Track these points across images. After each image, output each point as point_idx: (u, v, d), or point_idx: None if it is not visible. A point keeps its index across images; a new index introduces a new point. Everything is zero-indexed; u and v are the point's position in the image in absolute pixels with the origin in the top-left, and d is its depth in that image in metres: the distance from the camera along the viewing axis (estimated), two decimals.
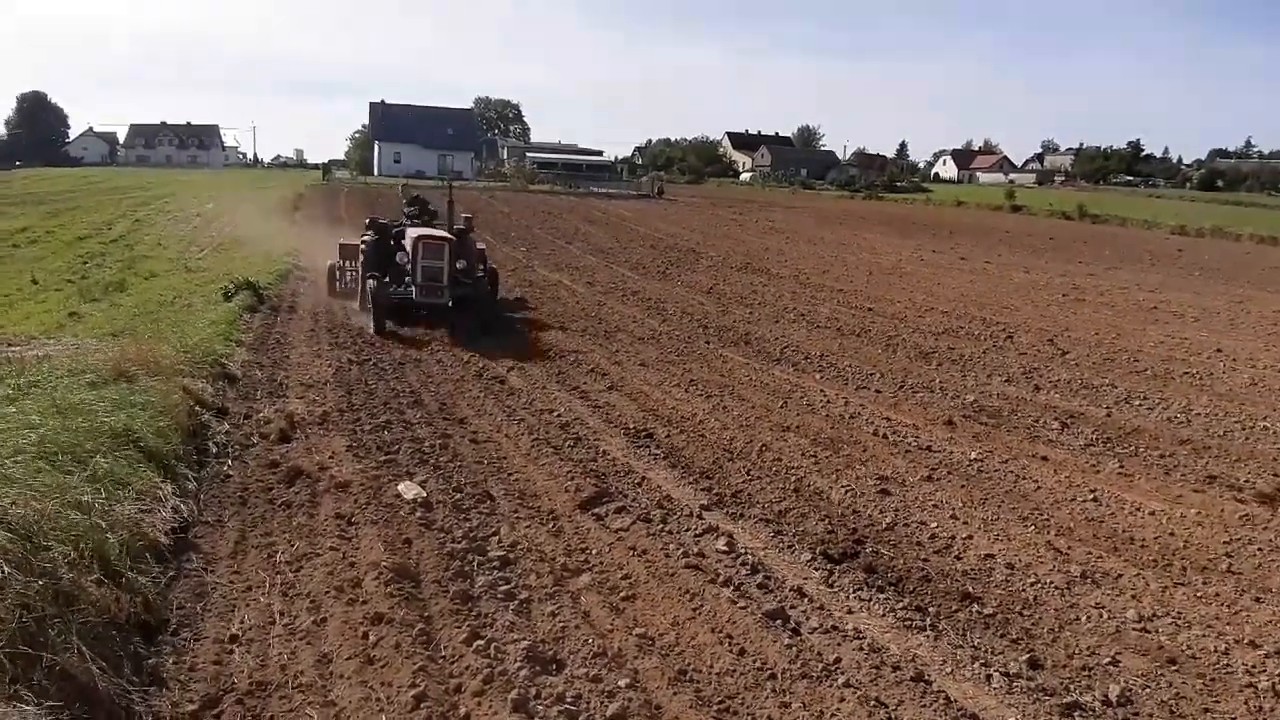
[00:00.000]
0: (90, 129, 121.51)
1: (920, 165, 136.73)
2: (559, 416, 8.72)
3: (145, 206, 37.31)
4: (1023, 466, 7.82)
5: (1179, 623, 5.12)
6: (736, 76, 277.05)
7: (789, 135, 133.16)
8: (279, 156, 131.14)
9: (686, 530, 6.07)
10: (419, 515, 6.05)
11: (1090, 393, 10.68)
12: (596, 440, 8.04)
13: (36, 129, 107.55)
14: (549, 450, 7.66)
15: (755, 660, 4.42)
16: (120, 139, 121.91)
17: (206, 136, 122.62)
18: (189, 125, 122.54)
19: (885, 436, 8.55)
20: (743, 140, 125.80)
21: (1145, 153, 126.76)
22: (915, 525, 6.41)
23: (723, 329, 14.00)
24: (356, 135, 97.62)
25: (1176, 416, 9.72)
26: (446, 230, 14.11)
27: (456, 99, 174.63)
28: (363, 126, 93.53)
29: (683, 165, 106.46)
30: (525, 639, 4.48)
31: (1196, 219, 50.32)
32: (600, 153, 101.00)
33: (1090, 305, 18.58)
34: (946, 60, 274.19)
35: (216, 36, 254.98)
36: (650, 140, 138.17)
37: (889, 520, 6.45)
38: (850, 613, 5.08)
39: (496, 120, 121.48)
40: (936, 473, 7.57)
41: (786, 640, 4.62)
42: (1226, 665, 4.68)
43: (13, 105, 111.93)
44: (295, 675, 4.17)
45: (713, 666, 4.38)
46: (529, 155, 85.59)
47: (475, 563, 5.39)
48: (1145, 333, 15.21)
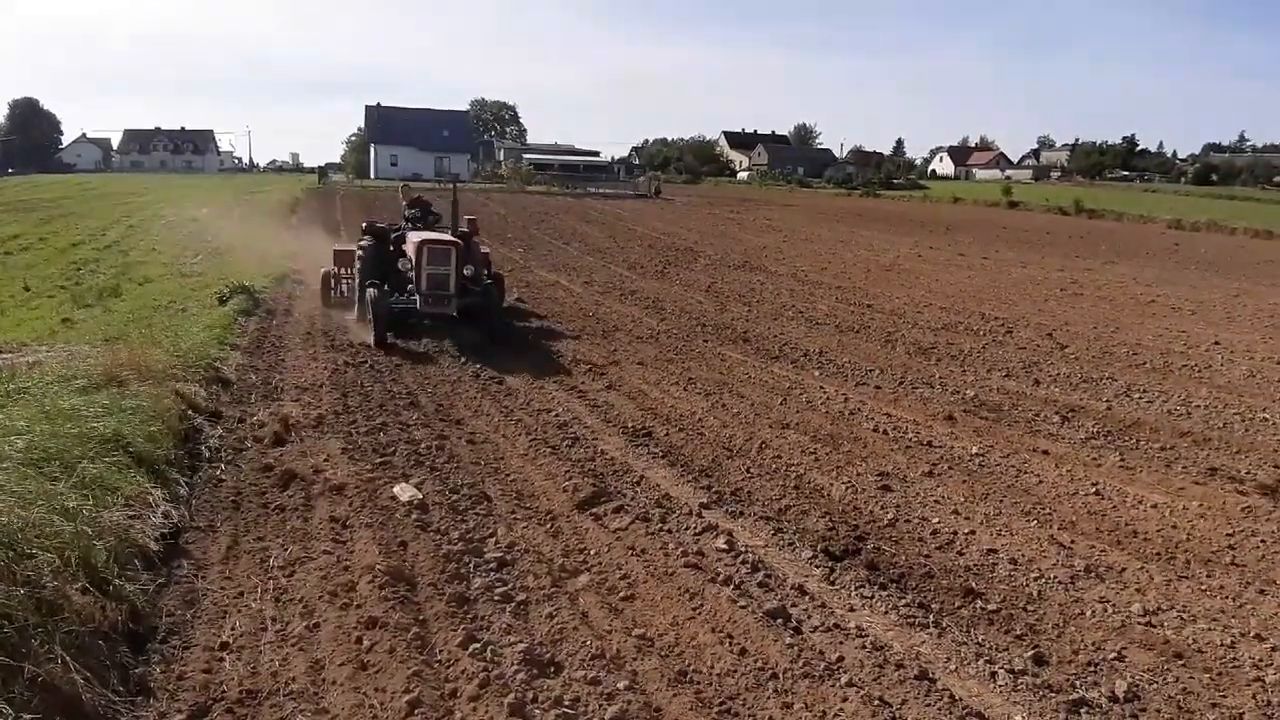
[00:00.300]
0: (84, 135, 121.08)
1: (917, 162, 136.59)
2: (557, 416, 8.65)
3: (140, 212, 37.18)
4: (1024, 461, 7.75)
5: (1184, 616, 5.04)
6: (733, 76, 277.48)
7: (785, 134, 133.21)
8: (274, 161, 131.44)
9: (686, 529, 5.99)
10: (415, 517, 5.96)
11: (1090, 386, 10.62)
12: (595, 440, 7.96)
13: (30, 136, 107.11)
14: (547, 450, 7.58)
15: (756, 660, 4.34)
16: (114, 144, 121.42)
17: (201, 141, 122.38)
18: (183, 130, 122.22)
19: (885, 432, 8.48)
20: (739, 139, 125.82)
21: (1140, 148, 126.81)
22: (917, 521, 6.33)
23: (721, 327, 13.93)
24: (352, 138, 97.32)
25: (1176, 409, 9.66)
26: (450, 234, 13.32)
27: (453, 101, 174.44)
28: (359, 129, 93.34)
29: (679, 165, 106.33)
30: (522, 641, 4.39)
31: (1192, 213, 50.40)
32: (597, 153, 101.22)
33: (1088, 299, 18.53)
34: (943, 57, 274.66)
35: (211, 41, 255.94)
36: (647, 140, 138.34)
37: (890, 516, 6.38)
38: (852, 610, 5.00)
39: (493, 122, 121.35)
40: (937, 468, 7.49)
41: (788, 639, 4.54)
42: (1234, 659, 4.60)
43: (4, 112, 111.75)
44: (287, 682, 4.08)
45: (713, 667, 4.29)
46: (525, 156, 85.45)
47: (472, 565, 5.31)
48: (1143, 326, 15.16)
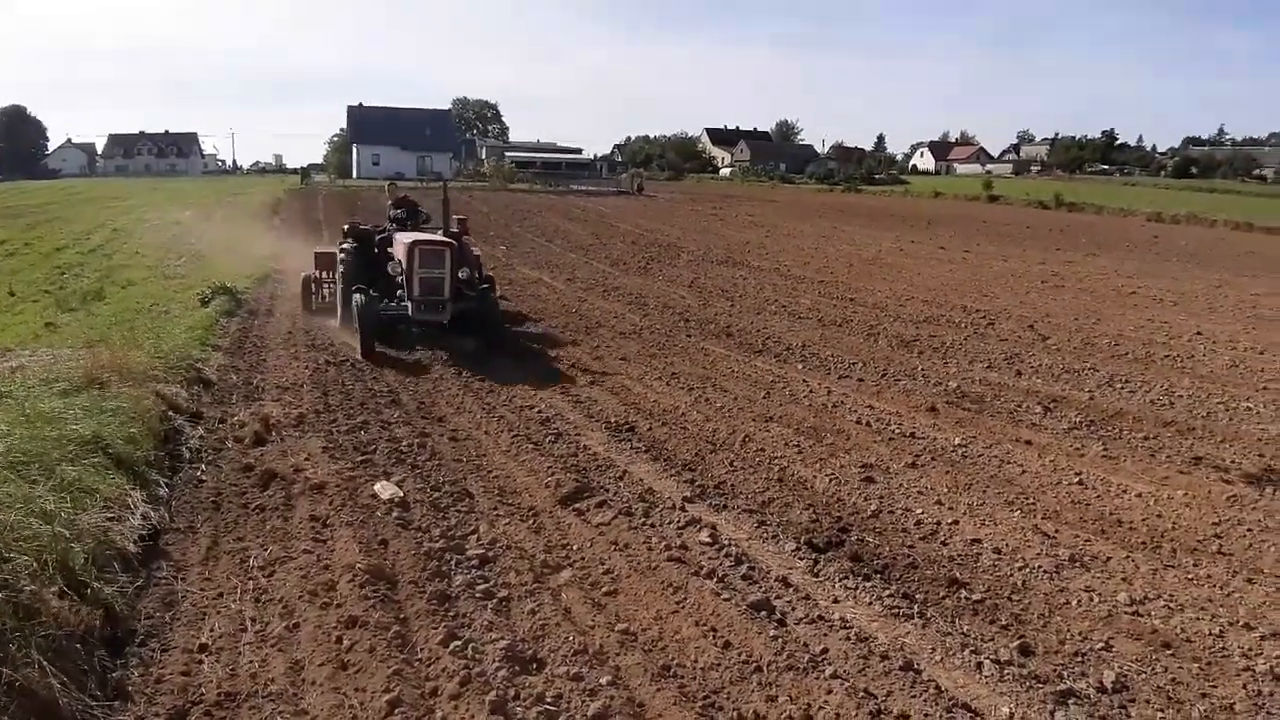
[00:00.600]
0: (69, 140, 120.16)
1: (898, 157, 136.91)
2: (539, 412, 8.60)
3: (124, 216, 36.77)
4: (1007, 451, 7.77)
5: (1171, 605, 5.03)
6: (715, 73, 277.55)
7: (768, 130, 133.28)
8: (258, 162, 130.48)
9: (669, 523, 5.96)
10: (396, 515, 5.91)
11: (1072, 377, 10.67)
12: (578, 435, 7.92)
13: (16, 143, 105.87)
14: (529, 446, 7.54)
15: (740, 653, 4.31)
16: (99, 149, 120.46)
17: (185, 144, 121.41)
18: (167, 134, 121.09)
19: (868, 425, 8.48)
20: (721, 136, 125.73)
21: (1120, 141, 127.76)
22: (900, 512, 6.33)
23: (704, 322, 13.91)
24: (335, 139, 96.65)
25: (1159, 399, 9.70)
26: (441, 234, 12.26)
27: (435, 100, 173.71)
28: (341, 130, 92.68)
29: (662, 162, 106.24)
30: (504, 638, 4.35)
31: (1171, 206, 50.77)
32: (579, 150, 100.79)
33: (1069, 291, 18.62)
34: (923, 53, 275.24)
35: (195, 45, 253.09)
36: (629, 137, 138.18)
37: (874, 508, 6.37)
38: (836, 602, 4.98)
39: (475, 120, 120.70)
40: (921, 459, 7.49)
41: (772, 632, 4.52)
42: (1222, 648, 4.59)
43: None
44: (266, 683, 4.02)
45: (697, 661, 4.26)
46: (508, 154, 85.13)
47: (453, 562, 5.26)
48: (1125, 317, 15.24)
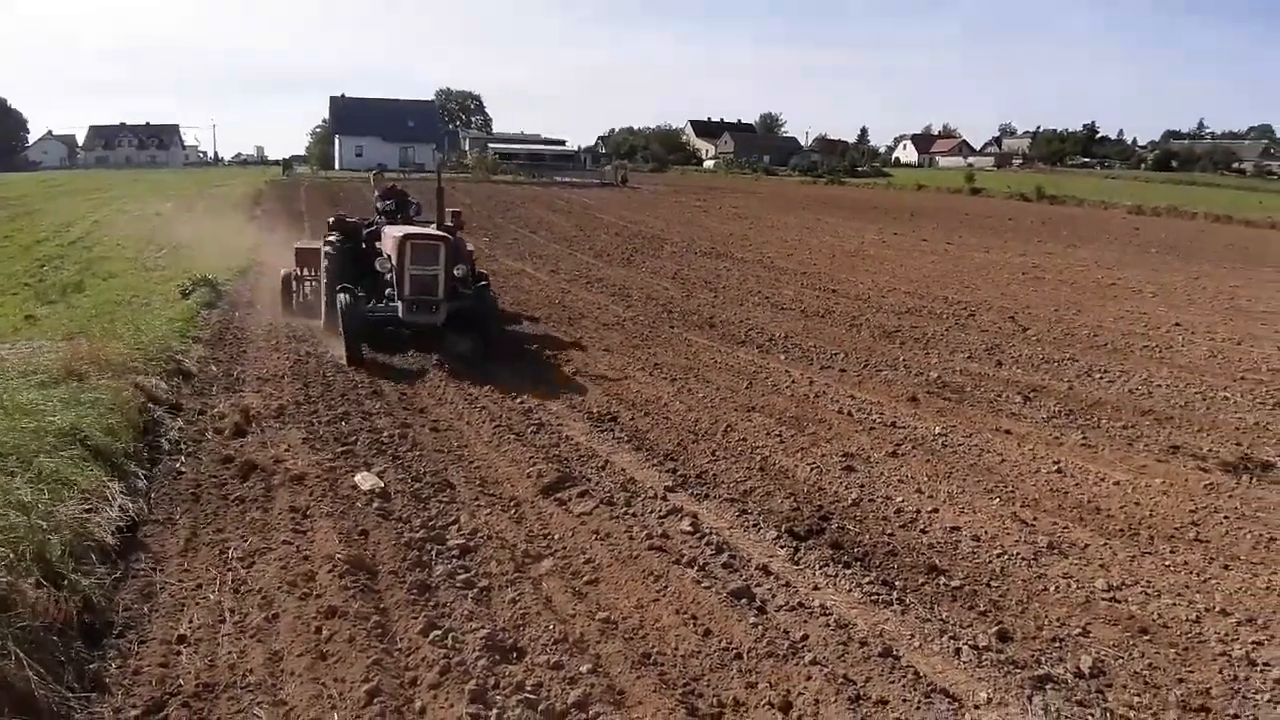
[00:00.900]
0: (49, 132, 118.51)
1: (881, 150, 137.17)
2: (521, 403, 8.58)
3: (104, 208, 36.32)
4: (986, 440, 7.82)
5: (1149, 592, 5.09)
6: (699, 65, 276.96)
7: (751, 123, 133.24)
8: (239, 154, 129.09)
9: (650, 512, 5.97)
10: (376, 506, 5.89)
11: (1052, 367, 10.75)
12: (560, 425, 7.91)
13: None
14: (511, 437, 7.53)
15: (721, 640, 4.33)
16: (80, 141, 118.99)
17: (166, 136, 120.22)
18: (148, 125, 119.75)
19: (850, 414, 8.52)
20: (705, 128, 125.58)
21: (1101, 135, 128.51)
22: (881, 500, 6.37)
23: (687, 313, 13.92)
24: (317, 130, 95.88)
25: (1138, 388, 9.80)
26: (434, 228, 11.27)
27: (418, 91, 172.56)
28: (323, 121, 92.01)
29: (646, 153, 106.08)
30: (484, 628, 4.35)
31: (1152, 199, 51.31)
32: (563, 142, 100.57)
33: (1050, 283, 18.76)
34: (906, 47, 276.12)
35: (177, 37, 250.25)
36: (613, 129, 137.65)
37: (854, 496, 6.40)
38: (816, 589, 5.00)
39: (458, 111, 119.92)
40: (901, 448, 7.54)
41: (752, 619, 4.54)
42: (1199, 634, 4.64)
43: None
44: (244, 674, 4.00)
45: (677, 649, 4.28)
46: (491, 146, 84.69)
47: (434, 552, 5.25)
48: (1104, 309, 15.37)
